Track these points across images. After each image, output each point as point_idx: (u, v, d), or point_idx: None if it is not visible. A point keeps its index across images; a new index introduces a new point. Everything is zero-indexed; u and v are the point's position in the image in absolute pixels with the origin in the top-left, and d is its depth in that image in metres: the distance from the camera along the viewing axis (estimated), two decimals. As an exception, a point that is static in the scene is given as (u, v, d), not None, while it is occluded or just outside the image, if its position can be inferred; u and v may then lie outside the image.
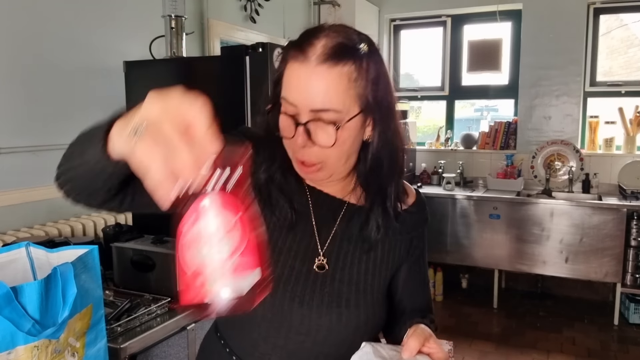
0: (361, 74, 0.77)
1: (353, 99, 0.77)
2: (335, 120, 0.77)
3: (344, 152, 0.81)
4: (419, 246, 0.98)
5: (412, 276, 0.98)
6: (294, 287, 0.87)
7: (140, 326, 1.46)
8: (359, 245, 0.90)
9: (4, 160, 1.89)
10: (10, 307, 0.94)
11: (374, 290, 0.91)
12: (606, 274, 3.56)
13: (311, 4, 4.21)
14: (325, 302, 0.87)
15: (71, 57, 2.14)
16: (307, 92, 0.77)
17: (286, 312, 0.86)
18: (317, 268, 0.88)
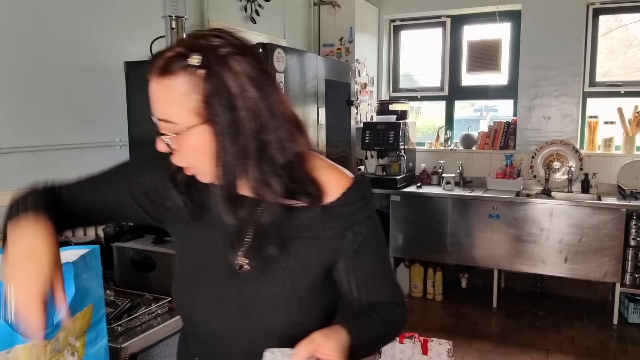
0: (196, 87, 0.77)
1: (188, 112, 0.78)
2: (176, 130, 0.80)
3: (205, 160, 0.82)
4: (356, 240, 0.91)
5: (355, 272, 0.93)
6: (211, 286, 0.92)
7: (141, 326, 1.47)
8: (275, 244, 0.88)
9: (4, 160, 1.89)
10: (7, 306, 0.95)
11: (295, 290, 0.89)
12: (605, 274, 3.57)
13: (311, 5, 4.21)
14: (244, 302, 0.90)
15: (72, 57, 2.14)
16: (153, 104, 0.82)
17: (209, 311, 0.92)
18: (238, 268, 0.90)
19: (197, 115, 0.78)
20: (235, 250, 0.90)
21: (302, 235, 0.89)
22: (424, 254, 4.08)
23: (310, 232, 0.89)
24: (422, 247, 4.05)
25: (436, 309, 4.00)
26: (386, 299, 0.96)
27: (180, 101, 0.78)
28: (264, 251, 0.88)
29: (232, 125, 0.79)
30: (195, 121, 0.79)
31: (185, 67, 0.77)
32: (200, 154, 0.81)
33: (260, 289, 0.89)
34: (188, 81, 0.77)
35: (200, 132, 0.79)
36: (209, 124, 0.79)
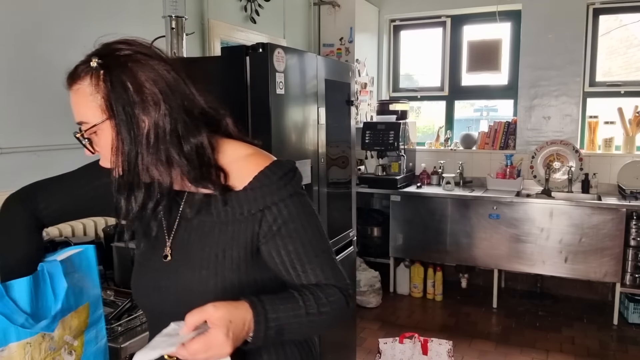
0: (98, 87, 0.87)
1: (96, 110, 0.88)
2: (89, 130, 0.90)
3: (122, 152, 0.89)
4: (276, 222, 0.92)
5: (279, 253, 0.93)
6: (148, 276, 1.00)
7: (141, 326, 1.47)
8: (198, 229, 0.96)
9: (5, 160, 1.89)
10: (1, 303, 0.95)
11: (219, 274, 0.93)
12: (605, 274, 3.57)
13: (311, 5, 4.21)
14: (178, 288, 0.95)
15: (72, 57, 2.13)
16: (73, 110, 0.91)
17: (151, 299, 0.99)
18: (163, 257, 0.98)
19: (102, 112, 0.87)
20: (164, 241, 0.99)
21: (219, 221, 0.94)
22: (424, 254, 4.08)
23: (227, 217, 0.94)
24: (422, 247, 4.05)
25: (436, 309, 4.00)
26: (319, 281, 0.94)
27: (87, 101, 0.88)
28: (184, 240, 0.97)
29: (129, 118, 0.87)
30: (101, 118, 0.88)
31: (88, 71, 0.88)
32: (110, 148, 0.89)
33: (187, 276, 0.94)
34: (91, 83, 0.87)
35: (106, 128, 0.88)
36: (111, 119, 0.87)
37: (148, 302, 1.01)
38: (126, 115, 0.87)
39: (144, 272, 1.01)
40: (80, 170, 1.16)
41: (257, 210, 0.92)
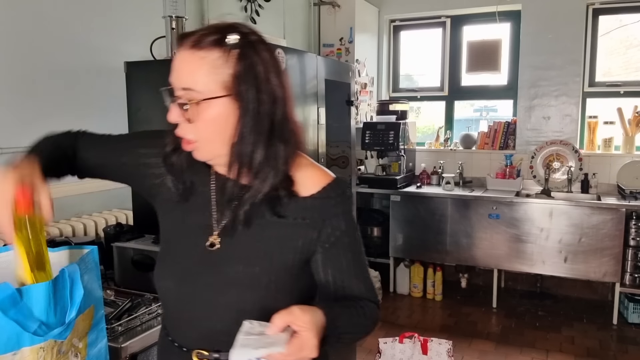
0: (228, 63, 0.85)
1: (216, 84, 0.86)
2: (197, 99, 0.86)
3: (215, 134, 0.88)
4: (334, 233, 0.96)
5: (331, 263, 0.97)
6: (190, 264, 0.96)
7: (141, 326, 1.47)
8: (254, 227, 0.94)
9: (4, 160, 1.89)
10: (15, 309, 0.95)
11: (272, 272, 0.93)
12: (605, 274, 3.57)
13: (311, 5, 4.21)
14: (222, 281, 0.93)
15: (72, 57, 2.14)
16: (177, 72, 0.88)
17: (186, 289, 0.95)
18: (209, 246, 0.95)
19: (224, 88, 0.86)
20: (211, 230, 0.96)
21: (279, 221, 0.94)
22: (424, 254, 4.09)
23: (288, 219, 0.94)
24: (422, 247, 4.05)
25: (436, 309, 4.00)
26: (360, 294, 1.00)
27: (210, 72, 0.85)
28: (236, 232, 0.94)
29: (255, 103, 0.87)
30: (221, 93, 0.86)
31: (221, 45, 0.86)
32: (214, 126, 0.88)
33: (238, 269, 0.93)
34: (221, 57, 0.85)
35: (221, 104, 0.86)
36: (234, 98, 0.86)
37: (176, 290, 0.97)
38: (253, 100, 0.87)
39: (178, 258, 0.98)
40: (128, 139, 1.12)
41: (319, 219, 0.95)
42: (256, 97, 0.87)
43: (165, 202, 1.02)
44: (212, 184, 0.98)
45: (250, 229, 0.94)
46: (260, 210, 0.93)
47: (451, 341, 2.46)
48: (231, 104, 0.87)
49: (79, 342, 1.09)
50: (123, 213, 2.23)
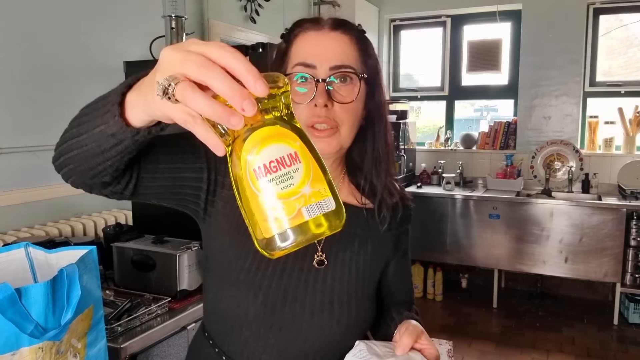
0: (364, 49, 0.87)
1: (363, 66, 0.87)
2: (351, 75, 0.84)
3: (354, 116, 0.86)
4: (404, 241, 1.03)
5: (398, 271, 1.03)
6: (287, 284, 0.85)
7: (141, 326, 1.47)
8: (353, 241, 0.91)
9: (4, 160, 1.89)
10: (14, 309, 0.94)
11: (365, 286, 0.92)
12: (606, 274, 3.57)
13: (311, 4, 4.21)
14: (319, 300, 0.86)
15: (71, 57, 2.14)
16: (325, 52, 0.84)
17: (278, 310, 0.85)
18: (317, 264, 0.88)
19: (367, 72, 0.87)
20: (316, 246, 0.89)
21: (369, 235, 0.93)
22: (424, 254, 4.08)
23: (377, 232, 0.94)
24: (422, 247, 4.05)
25: (436, 309, 4.00)
26: (409, 299, 1.05)
27: (359, 55, 0.87)
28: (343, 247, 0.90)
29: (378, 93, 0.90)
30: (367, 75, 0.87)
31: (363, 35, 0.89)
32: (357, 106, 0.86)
33: (336, 285, 0.88)
34: (366, 46, 0.88)
35: (364, 85, 0.87)
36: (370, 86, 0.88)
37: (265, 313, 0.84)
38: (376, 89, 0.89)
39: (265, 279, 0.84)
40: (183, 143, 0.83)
41: (400, 228, 0.99)
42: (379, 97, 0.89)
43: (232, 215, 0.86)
44: None
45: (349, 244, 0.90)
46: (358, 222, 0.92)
47: (451, 341, 2.45)
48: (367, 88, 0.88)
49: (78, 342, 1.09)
50: (122, 213, 2.23)
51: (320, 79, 0.82)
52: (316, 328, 0.86)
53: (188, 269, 1.65)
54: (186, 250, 1.65)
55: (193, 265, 1.66)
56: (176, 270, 1.63)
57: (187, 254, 1.65)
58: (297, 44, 0.86)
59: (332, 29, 0.86)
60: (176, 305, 1.60)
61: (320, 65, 0.83)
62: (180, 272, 1.64)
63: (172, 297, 1.61)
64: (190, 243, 1.69)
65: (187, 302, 1.63)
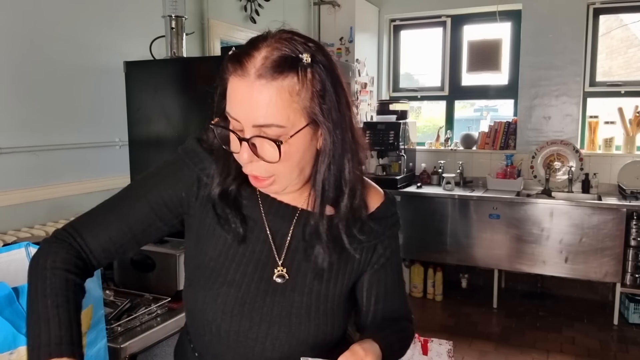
0: (305, 86, 0.74)
1: (297, 112, 0.75)
2: (279, 135, 0.75)
3: (295, 165, 0.79)
4: (385, 253, 0.94)
5: (378, 284, 0.95)
6: (246, 292, 0.87)
7: (141, 326, 1.47)
8: (316, 252, 0.87)
9: (4, 160, 1.89)
10: (11, 308, 0.94)
11: (328, 299, 0.89)
12: (606, 274, 3.57)
13: (311, 4, 4.21)
14: (276, 312, 0.87)
15: (71, 57, 2.14)
16: (248, 108, 0.75)
17: (236, 317, 0.86)
18: (278, 278, 0.88)
19: (306, 115, 0.76)
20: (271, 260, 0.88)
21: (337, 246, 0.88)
22: (424, 254, 4.08)
23: (351, 245, 0.88)
24: (422, 247, 4.05)
25: (436, 309, 3.99)
26: (399, 314, 0.99)
27: (290, 102, 0.74)
28: (299, 260, 0.88)
29: (337, 123, 0.78)
30: (303, 122, 0.76)
31: (296, 67, 0.74)
32: (296, 158, 0.78)
33: (296, 298, 0.87)
34: (298, 81, 0.74)
35: (304, 134, 0.77)
36: (315, 123, 0.77)
37: (231, 322, 0.86)
38: (333, 121, 0.77)
39: (231, 289, 0.86)
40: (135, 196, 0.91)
41: (375, 240, 0.91)
42: (337, 116, 0.78)
43: (205, 227, 0.90)
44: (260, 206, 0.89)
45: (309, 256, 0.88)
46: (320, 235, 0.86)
47: (451, 341, 2.45)
48: (312, 128, 0.77)
49: (78, 342, 1.08)
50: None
51: (243, 137, 0.76)
52: (273, 339, 0.87)
53: (188, 269, 1.65)
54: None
55: (193, 265, 1.66)
56: (176, 270, 1.63)
57: (187, 254, 1.64)
58: (229, 86, 0.78)
59: (258, 77, 0.73)
60: (176, 305, 1.60)
61: (243, 122, 0.76)
62: (180, 272, 1.64)
63: (172, 297, 1.61)
64: (190, 243, 1.69)
65: (187, 302, 1.63)
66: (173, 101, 2.11)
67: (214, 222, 0.88)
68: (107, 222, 0.88)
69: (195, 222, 0.90)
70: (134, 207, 0.88)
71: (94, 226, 0.88)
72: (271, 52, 0.74)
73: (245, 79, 0.74)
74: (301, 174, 0.81)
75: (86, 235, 0.86)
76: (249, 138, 0.76)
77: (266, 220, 0.88)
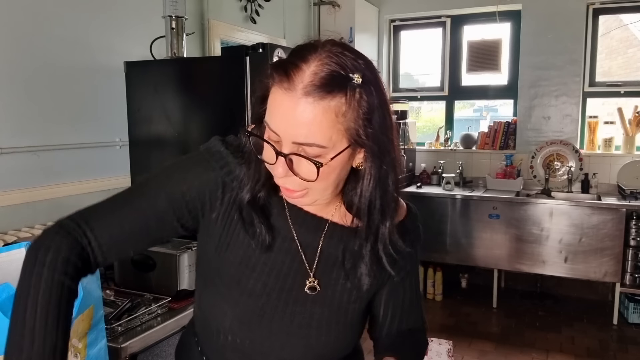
0: (352, 106, 0.71)
1: (341, 134, 0.71)
2: (318, 155, 0.71)
3: (330, 183, 0.77)
4: (405, 267, 0.91)
5: (396, 298, 0.94)
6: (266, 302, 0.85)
7: (141, 326, 1.47)
8: (342, 266, 0.87)
9: (5, 160, 1.89)
10: None
11: (349, 312, 0.89)
12: (605, 274, 3.57)
13: (311, 5, 4.21)
14: (296, 322, 0.86)
15: (72, 57, 2.14)
16: (290, 124, 0.71)
17: (254, 325, 0.85)
18: (309, 290, 0.86)
19: (349, 136, 0.72)
20: (302, 271, 0.87)
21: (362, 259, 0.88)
22: (424, 254, 4.07)
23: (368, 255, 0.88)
24: (422, 247, 4.04)
25: (436, 309, 4.00)
26: (414, 327, 0.99)
27: (335, 123, 0.70)
28: (334, 273, 0.87)
29: (382, 145, 0.74)
30: (345, 143, 0.72)
31: (346, 87, 0.70)
32: (333, 176, 0.75)
33: (317, 310, 0.86)
34: (346, 102, 0.70)
35: (344, 154, 0.73)
36: (357, 144, 0.73)
37: (252, 330, 0.86)
38: (378, 143, 0.74)
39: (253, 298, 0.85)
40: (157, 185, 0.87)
41: (397, 254, 0.87)
42: (384, 139, 0.74)
43: (228, 232, 0.87)
44: (288, 216, 0.86)
45: (338, 268, 0.87)
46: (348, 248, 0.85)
47: (451, 341, 2.46)
48: (352, 149, 0.74)
49: (79, 342, 1.09)
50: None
51: (280, 152, 0.73)
52: (289, 349, 0.86)
53: (188, 268, 1.65)
54: (186, 250, 1.65)
55: (193, 265, 1.66)
56: (176, 270, 1.63)
57: (187, 253, 1.65)
58: (271, 96, 0.74)
59: (305, 95, 0.69)
60: (176, 305, 1.60)
61: (283, 137, 0.72)
62: (181, 272, 1.64)
63: (172, 297, 1.62)
64: (190, 243, 1.69)
65: (187, 302, 1.63)
66: (173, 101, 2.11)
67: (239, 227, 0.85)
68: (121, 218, 0.82)
69: (218, 227, 0.87)
70: (152, 205, 0.83)
71: (106, 219, 0.82)
72: (321, 68, 0.70)
73: (290, 94, 0.70)
74: (335, 190, 0.80)
75: (97, 228, 0.80)
76: (287, 154, 0.72)
77: (294, 230, 0.86)
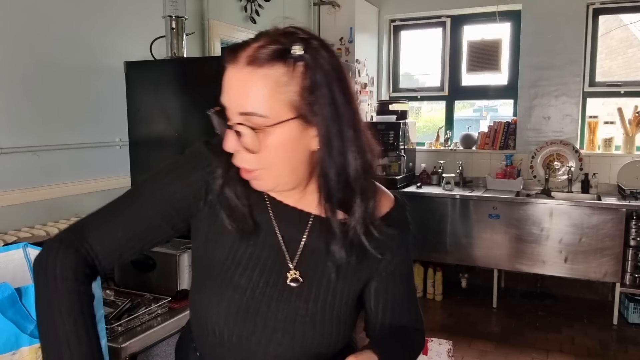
0: (294, 79, 0.74)
1: (282, 104, 0.74)
2: (261, 125, 0.74)
3: (281, 160, 0.77)
4: (393, 261, 0.90)
5: (386, 293, 0.93)
6: (251, 297, 0.85)
7: (141, 326, 1.47)
8: (327, 259, 0.86)
9: (5, 160, 1.89)
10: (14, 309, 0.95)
11: (334, 308, 0.88)
12: (605, 274, 3.57)
13: (311, 5, 4.21)
14: (281, 318, 0.86)
15: (72, 57, 2.14)
16: (235, 94, 0.75)
17: (240, 320, 0.85)
18: (292, 282, 0.86)
19: (293, 108, 0.74)
20: (283, 264, 0.87)
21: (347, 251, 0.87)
22: (424, 254, 4.08)
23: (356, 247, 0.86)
24: (422, 247, 4.05)
25: (436, 309, 4.00)
26: (408, 324, 0.96)
27: (275, 92, 0.73)
28: (320, 267, 0.86)
29: (334, 121, 0.76)
30: (289, 115, 0.74)
31: (285, 58, 0.73)
32: (282, 153, 0.77)
33: (301, 306, 0.86)
34: (287, 72, 0.73)
35: (290, 127, 0.75)
36: (304, 119, 0.75)
37: (237, 326, 0.85)
38: (328, 119, 0.75)
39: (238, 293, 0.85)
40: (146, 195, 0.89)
41: (383, 247, 0.87)
42: (332, 113, 0.75)
43: (213, 230, 0.89)
44: (269, 211, 0.87)
45: (323, 262, 0.86)
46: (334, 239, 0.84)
47: (451, 341, 2.45)
48: (301, 125, 0.76)
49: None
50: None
51: (228, 125, 0.76)
52: (276, 344, 0.86)
53: (188, 268, 1.65)
54: (186, 250, 1.65)
55: (193, 265, 1.66)
56: (176, 270, 1.63)
57: (187, 253, 1.65)
58: (224, 77, 0.78)
59: (247, 64, 0.73)
60: (176, 305, 1.60)
61: (230, 109, 0.76)
62: (181, 272, 1.64)
63: (172, 297, 1.61)
64: (190, 243, 1.69)
65: (187, 302, 1.63)
66: (173, 101, 2.11)
67: (224, 223, 0.86)
68: (113, 226, 0.85)
69: (204, 226, 0.89)
70: (141, 212, 0.86)
71: (99, 230, 0.85)
72: (266, 43, 0.74)
73: (235, 67, 0.75)
74: (292, 172, 0.80)
75: (91, 238, 0.84)
76: (234, 125, 0.75)
77: (276, 224, 0.87)
